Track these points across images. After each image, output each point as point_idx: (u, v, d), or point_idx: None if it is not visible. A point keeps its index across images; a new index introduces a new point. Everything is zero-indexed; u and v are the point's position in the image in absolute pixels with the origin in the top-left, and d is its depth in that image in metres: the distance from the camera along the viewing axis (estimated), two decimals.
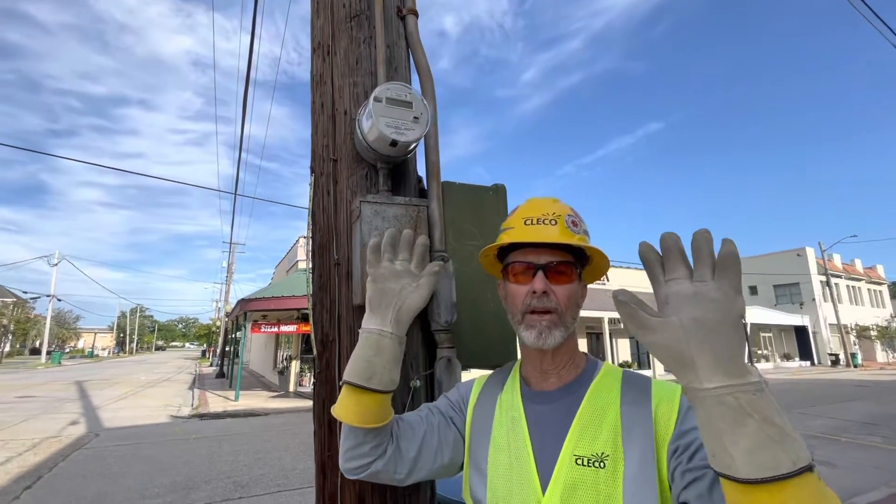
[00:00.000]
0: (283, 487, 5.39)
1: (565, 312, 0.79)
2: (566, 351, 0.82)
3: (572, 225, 0.81)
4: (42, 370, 29.47)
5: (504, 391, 0.88)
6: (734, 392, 0.51)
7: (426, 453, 0.85)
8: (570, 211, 0.84)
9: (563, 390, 0.81)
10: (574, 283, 0.81)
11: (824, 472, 5.75)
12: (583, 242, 0.80)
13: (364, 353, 0.84)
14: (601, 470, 0.69)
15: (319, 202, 1.27)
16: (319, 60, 1.38)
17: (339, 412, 0.84)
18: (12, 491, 5.30)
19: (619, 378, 0.80)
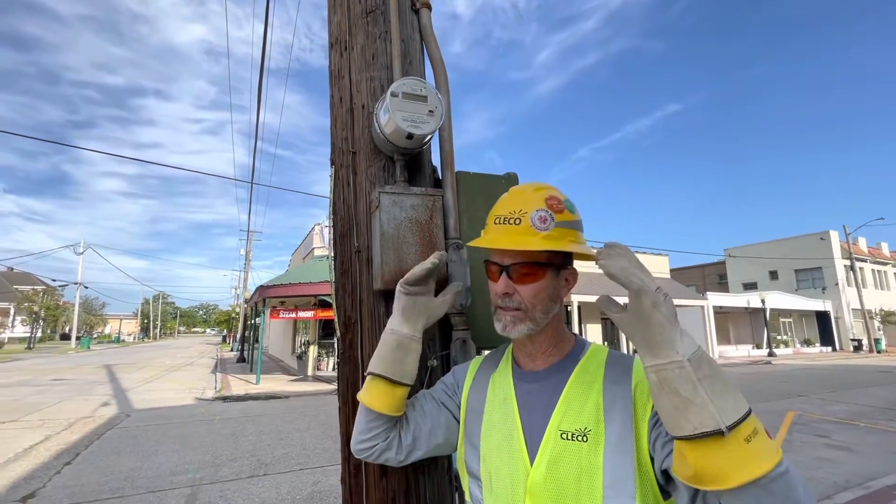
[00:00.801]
0: (305, 466, 5.61)
1: (532, 309, 0.83)
2: (547, 336, 0.87)
3: (539, 222, 0.80)
4: (73, 354, 30.71)
5: (497, 371, 0.94)
6: (657, 370, 0.64)
7: (421, 438, 0.97)
8: (541, 204, 0.82)
9: (550, 370, 0.86)
10: (543, 280, 0.83)
11: (841, 456, 5.75)
12: (543, 244, 0.79)
13: (397, 354, 0.94)
14: (584, 443, 0.74)
15: (340, 193, 1.33)
16: (337, 56, 1.44)
17: (369, 400, 0.94)
18: (54, 466, 5.63)
19: (604, 358, 0.85)
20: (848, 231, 31.63)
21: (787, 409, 9.21)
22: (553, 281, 0.85)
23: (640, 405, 0.75)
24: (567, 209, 0.84)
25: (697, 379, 0.61)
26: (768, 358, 24.40)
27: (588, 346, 0.90)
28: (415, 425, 0.97)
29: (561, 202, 0.84)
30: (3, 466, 5.61)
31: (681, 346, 0.63)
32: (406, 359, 0.94)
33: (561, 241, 0.81)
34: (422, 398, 1.01)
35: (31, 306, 40.41)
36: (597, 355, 0.86)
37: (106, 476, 5.25)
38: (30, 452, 6.23)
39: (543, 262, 0.83)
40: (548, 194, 0.84)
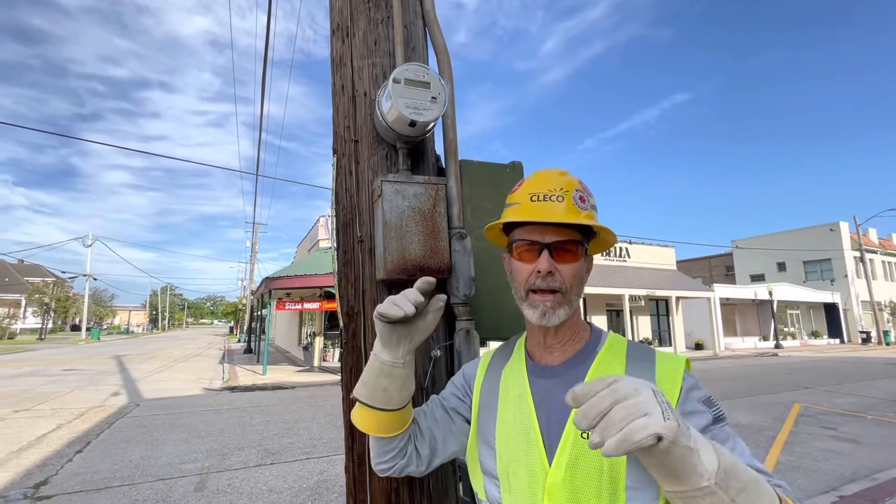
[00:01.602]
0: (311, 455, 5.67)
1: (570, 291, 0.80)
2: (570, 326, 0.83)
3: (580, 201, 0.80)
4: (83, 345, 31.16)
5: (508, 365, 0.89)
6: (683, 496, 0.54)
7: (437, 448, 0.93)
8: (578, 185, 0.82)
9: (567, 364, 0.82)
10: (580, 261, 0.81)
11: (848, 448, 5.73)
12: (590, 220, 0.79)
13: (380, 382, 0.85)
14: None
15: (342, 182, 1.32)
16: (339, 42, 1.41)
17: (360, 424, 0.89)
18: (66, 454, 5.73)
19: (623, 350, 0.81)
20: (858, 222, 31.22)
21: (794, 401, 9.17)
22: (584, 263, 0.83)
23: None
24: (591, 195, 0.84)
25: (731, 499, 0.54)
26: (775, 350, 24.28)
27: (605, 336, 0.86)
28: (430, 435, 0.93)
29: (587, 188, 0.84)
30: (17, 454, 5.72)
31: (704, 466, 0.53)
32: (390, 386, 0.86)
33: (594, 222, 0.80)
34: (433, 405, 0.97)
35: (41, 298, 40.96)
36: (616, 346, 0.82)
37: (116, 464, 5.33)
38: (42, 441, 6.34)
39: (581, 242, 0.81)
40: (577, 178, 0.84)
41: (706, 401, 0.73)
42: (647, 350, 0.81)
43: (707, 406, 0.72)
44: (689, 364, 0.79)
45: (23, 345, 30.68)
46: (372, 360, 0.88)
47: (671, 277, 23.17)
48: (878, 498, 4.11)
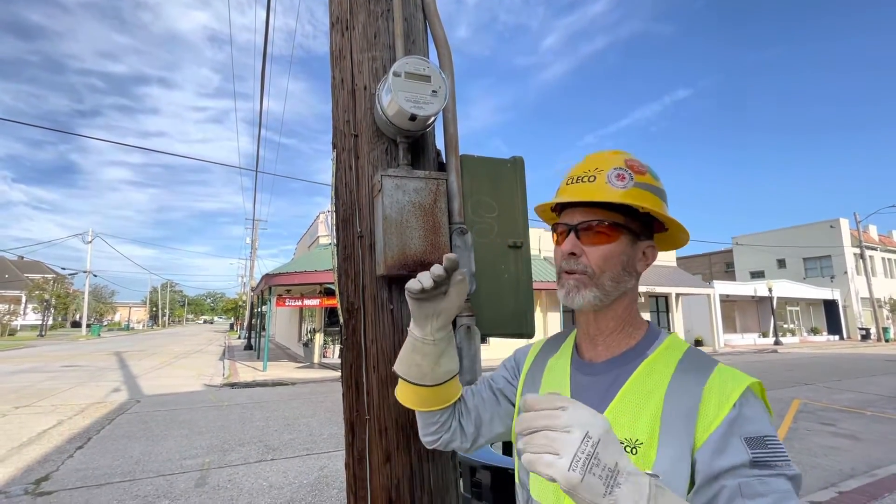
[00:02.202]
0: (312, 451, 5.68)
1: (599, 274, 0.74)
2: (613, 316, 0.77)
3: (616, 179, 0.74)
4: (83, 342, 31.20)
5: (555, 356, 0.87)
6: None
7: (483, 427, 0.94)
8: (620, 163, 0.76)
9: (610, 363, 0.76)
10: (614, 243, 0.74)
11: (846, 444, 5.74)
12: (617, 197, 0.72)
13: (413, 357, 0.89)
14: (632, 455, 0.65)
15: (342, 177, 1.31)
16: (338, 35, 1.40)
17: (400, 398, 0.94)
18: (66, 450, 5.75)
19: (678, 356, 0.71)
20: (859, 219, 31.20)
21: (793, 397, 9.19)
22: (628, 248, 0.76)
23: (702, 428, 0.62)
24: (650, 174, 0.76)
25: None
26: (774, 346, 24.32)
27: (663, 337, 0.77)
28: (476, 414, 0.94)
29: (643, 165, 0.77)
30: (18, 450, 5.73)
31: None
32: (422, 362, 0.88)
33: (639, 201, 0.73)
34: (482, 385, 0.98)
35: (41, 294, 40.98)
36: (670, 352, 0.73)
37: (117, 460, 5.34)
38: (43, 437, 6.35)
39: (619, 223, 0.75)
40: (627, 156, 0.78)
41: (754, 439, 0.59)
42: (706, 362, 0.70)
43: (750, 446, 0.59)
44: (761, 389, 0.66)
45: (23, 341, 30.71)
46: (407, 338, 0.91)
47: (671, 274, 23.18)
48: (877, 494, 4.12)
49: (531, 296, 1.33)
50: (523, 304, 1.32)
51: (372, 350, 1.20)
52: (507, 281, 1.31)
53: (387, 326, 1.21)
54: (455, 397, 0.93)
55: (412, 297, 0.86)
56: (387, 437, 1.17)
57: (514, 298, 1.31)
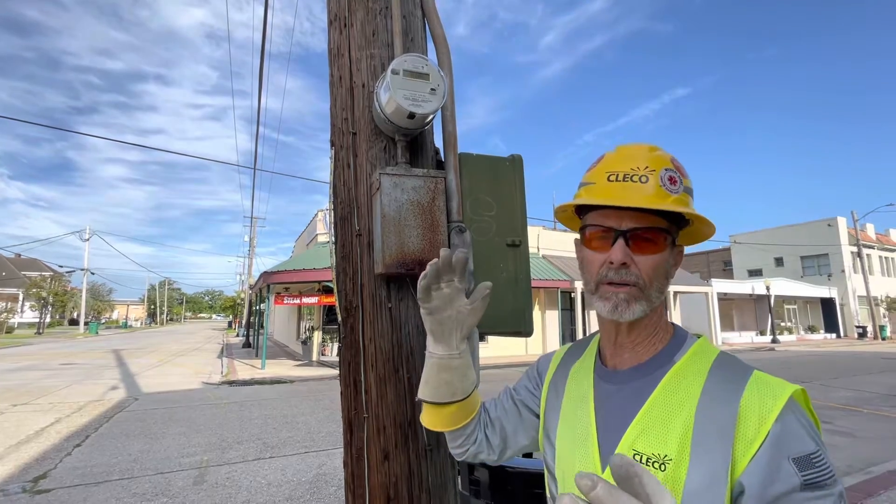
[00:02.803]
0: (310, 449, 5.69)
1: (649, 286, 0.68)
2: (647, 325, 0.72)
3: (669, 183, 0.68)
4: (81, 339, 31.14)
5: (578, 362, 0.83)
6: None
7: (508, 439, 0.93)
8: (668, 163, 0.69)
9: (635, 370, 0.71)
10: (663, 252, 0.69)
11: (843, 442, 5.78)
12: (680, 206, 0.67)
13: (441, 376, 0.87)
14: (660, 472, 0.60)
15: (340, 175, 1.30)
16: (336, 33, 1.39)
17: (429, 424, 0.93)
18: (64, 448, 5.74)
19: (709, 363, 0.66)
20: (856, 217, 31.31)
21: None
22: (669, 256, 0.70)
23: (743, 441, 0.57)
24: (687, 175, 0.71)
25: None
26: (772, 344, 24.42)
27: (691, 342, 0.71)
28: (500, 427, 0.93)
29: (682, 166, 0.71)
30: (16, 448, 5.72)
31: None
32: (452, 378, 0.87)
33: (688, 207, 0.69)
34: (504, 396, 0.96)
35: (39, 292, 40.87)
36: (701, 357, 0.67)
37: (115, 458, 5.34)
38: (41, 435, 6.35)
39: (667, 230, 0.69)
40: (669, 154, 0.71)
41: (802, 460, 0.55)
42: (739, 369, 0.64)
43: (799, 467, 0.54)
44: (805, 397, 0.60)
45: (21, 339, 30.64)
46: (427, 358, 0.89)
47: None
48: (873, 491, 4.14)
49: (530, 294, 1.33)
50: (522, 303, 1.32)
51: (370, 348, 1.20)
52: (506, 279, 1.31)
53: (385, 325, 1.21)
54: (477, 407, 0.92)
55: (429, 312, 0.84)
56: (385, 435, 1.17)
57: (513, 297, 1.31)
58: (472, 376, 0.90)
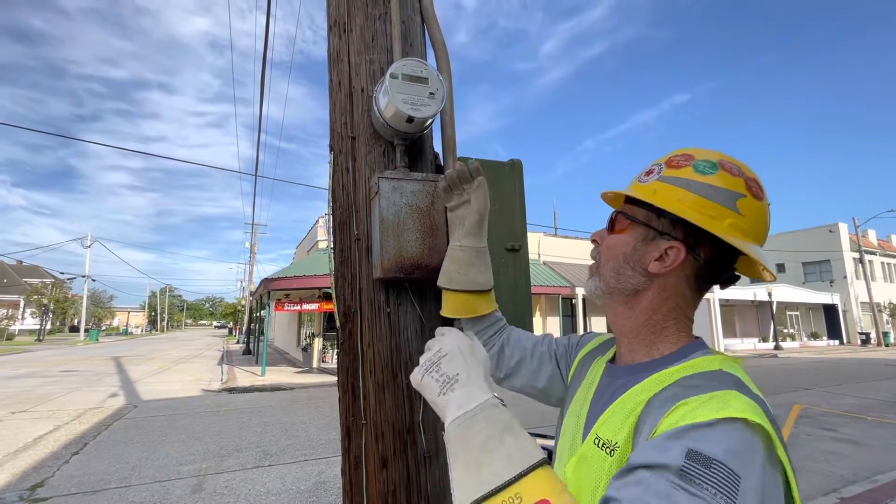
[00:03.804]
0: (310, 457, 5.64)
1: (603, 264, 0.74)
2: (630, 317, 0.73)
3: (644, 174, 0.72)
4: (81, 346, 31.09)
5: (602, 355, 0.85)
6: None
7: (524, 368, 0.98)
8: (665, 159, 0.72)
9: (627, 369, 0.72)
10: (624, 234, 0.72)
11: (848, 449, 5.71)
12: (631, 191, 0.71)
13: (447, 265, 1.01)
14: (609, 457, 0.63)
15: (339, 179, 1.30)
16: (336, 38, 1.39)
17: (444, 310, 1.04)
18: (62, 456, 5.70)
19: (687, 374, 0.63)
20: (857, 223, 31.27)
21: (794, 402, 9.16)
22: (639, 243, 0.71)
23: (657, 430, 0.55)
24: (696, 169, 0.68)
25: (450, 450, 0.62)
26: (774, 351, 24.29)
27: (692, 357, 0.66)
28: (522, 354, 0.98)
29: (689, 158, 0.69)
30: (14, 456, 5.69)
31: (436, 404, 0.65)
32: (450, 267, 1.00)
33: (643, 193, 0.69)
34: (542, 339, 1.01)
35: (40, 299, 40.87)
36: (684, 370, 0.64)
37: (113, 466, 5.30)
38: (39, 442, 6.31)
39: (637, 218, 0.71)
40: (682, 151, 0.72)
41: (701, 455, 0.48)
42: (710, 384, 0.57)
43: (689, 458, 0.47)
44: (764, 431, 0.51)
45: (21, 346, 30.59)
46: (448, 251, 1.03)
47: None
48: (879, 500, 4.09)
49: (529, 300, 1.32)
50: (521, 308, 1.31)
51: (368, 354, 1.19)
52: (505, 285, 1.29)
53: (383, 330, 1.20)
54: (484, 312, 1.00)
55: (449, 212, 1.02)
56: (383, 442, 1.15)
57: (513, 302, 1.29)
58: (476, 277, 0.98)
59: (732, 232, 0.66)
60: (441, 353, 0.67)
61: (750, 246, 0.66)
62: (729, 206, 0.66)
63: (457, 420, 0.60)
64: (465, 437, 0.58)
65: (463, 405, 0.60)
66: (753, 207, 0.67)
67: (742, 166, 0.70)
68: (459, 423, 0.59)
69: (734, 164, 0.69)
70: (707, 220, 0.65)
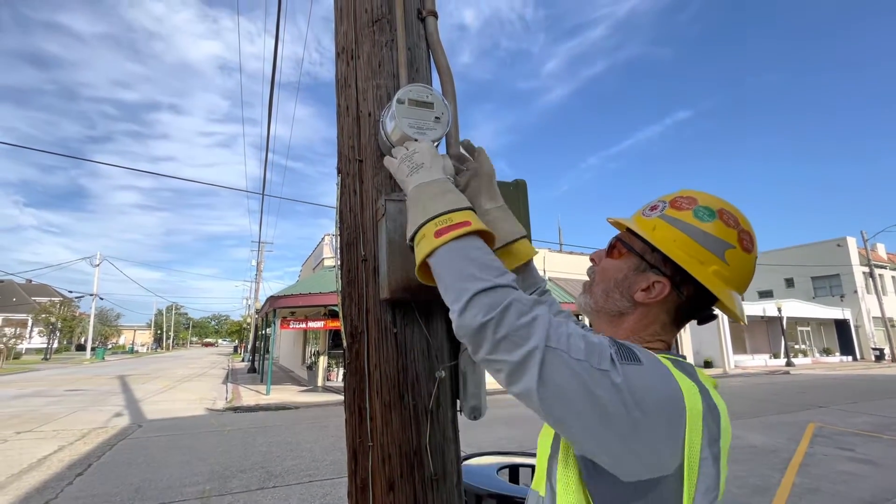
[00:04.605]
0: (314, 478, 5.56)
1: (596, 283, 0.82)
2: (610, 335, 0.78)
3: (649, 209, 0.80)
4: (88, 365, 31.11)
5: None
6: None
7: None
8: (670, 197, 0.79)
9: None
10: (618, 260, 0.80)
11: (865, 470, 5.55)
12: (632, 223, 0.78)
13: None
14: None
15: (346, 201, 1.32)
16: (343, 64, 1.44)
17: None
18: (66, 477, 5.66)
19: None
20: (866, 237, 30.97)
21: (808, 420, 8.94)
22: (631, 272, 0.77)
23: None
24: (695, 215, 0.74)
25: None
26: (786, 368, 23.83)
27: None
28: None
29: (692, 202, 0.76)
30: (18, 477, 5.65)
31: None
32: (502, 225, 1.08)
33: (644, 228, 0.76)
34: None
35: (48, 317, 41.12)
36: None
37: (117, 487, 5.25)
38: (43, 463, 6.27)
39: (634, 248, 0.78)
40: (686, 193, 0.79)
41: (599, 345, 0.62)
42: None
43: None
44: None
45: (28, 365, 30.67)
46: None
47: None
48: None
49: None
50: None
51: (375, 375, 1.19)
52: None
53: (390, 351, 1.20)
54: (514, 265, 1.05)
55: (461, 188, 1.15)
56: (390, 464, 1.15)
57: None
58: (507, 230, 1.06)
59: (714, 278, 0.72)
60: (414, 150, 0.95)
61: (728, 293, 0.73)
62: (718, 254, 0.72)
63: (417, 186, 0.87)
64: (420, 193, 0.86)
65: (423, 178, 0.89)
66: (740, 258, 0.74)
67: (739, 217, 0.76)
68: (418, 186, 0.87)
69: (732, 214, 0.76)
70: (694, 264, 0.71)
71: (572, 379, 0.58)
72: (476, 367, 1.19)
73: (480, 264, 0.70)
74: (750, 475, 5.46)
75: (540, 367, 0.59)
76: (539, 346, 0.60)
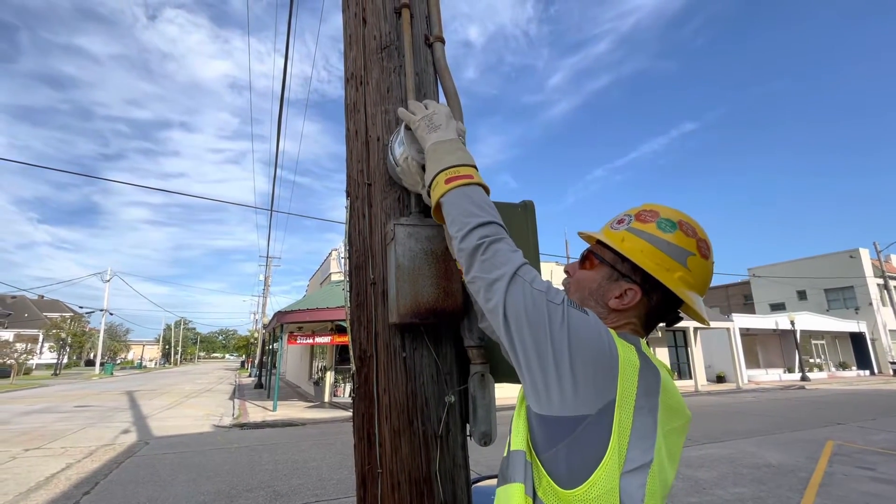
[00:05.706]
0: (321, 497, 5.49)
1: (572, 292, 0.89)
2: None
3: (616, 223, 0.88)
4: (96, 380, 31.22)
5: None
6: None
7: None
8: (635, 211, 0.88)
9: None
10: (590, 270, 0.87)
11: (889, 491, 5.36)
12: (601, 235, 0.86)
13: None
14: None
15: (356, 224, 1.33)
16: (353, 90, 1.46)
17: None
18: (73, 496, 5.64)
19: None
20: (879, 248, 30.49)
21: (826, 438, 8.70)
22: (604, 280, 0.85)
23: None
24: (658, 226, 0.83)
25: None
26: (801, 382, 23.29)
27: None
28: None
29: (655, 215, 0.85)
30: (25, 496, 5.64)
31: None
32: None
33: (613, 240, 0.84)
34: None
35: (58, 333, 41.47)
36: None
37: None
38: (51, 481, 6.26)
39: (605, 259, 0.85)
40: (649, 207, 0.87)
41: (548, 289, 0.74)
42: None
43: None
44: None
45: (38, 380, 30.85)
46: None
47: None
48: None
49: None
50: None
51: (384, 400, 1.18)
52: None
53: (399, 375, 1.20)
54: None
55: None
56: (399, 492, 1.13)
57: None
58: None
59: (680, 284, 0.80)
60: (434, 111, 1.10)
61: (692, 295, 0.82)
62: (680, 261, 0.81)
63: (435, 142, 1.03)
64: (437, 148, 1.02)
65: (440, 137, 1.04)
66: (699, 265, 0.82)
67: (696, 228, 0.85)
68: (436, 143, 1.03)
69: (690, 225, 0.84)
70: (661, 272, 0.79)
71: (530, 303, 0.72)
72: (486, 391, 1.18)
73: (480, 206, 0.87)
74: (769, 496, 5.30)
75: (507, 286, 0.74)
76: (510, 273, 0.75)
